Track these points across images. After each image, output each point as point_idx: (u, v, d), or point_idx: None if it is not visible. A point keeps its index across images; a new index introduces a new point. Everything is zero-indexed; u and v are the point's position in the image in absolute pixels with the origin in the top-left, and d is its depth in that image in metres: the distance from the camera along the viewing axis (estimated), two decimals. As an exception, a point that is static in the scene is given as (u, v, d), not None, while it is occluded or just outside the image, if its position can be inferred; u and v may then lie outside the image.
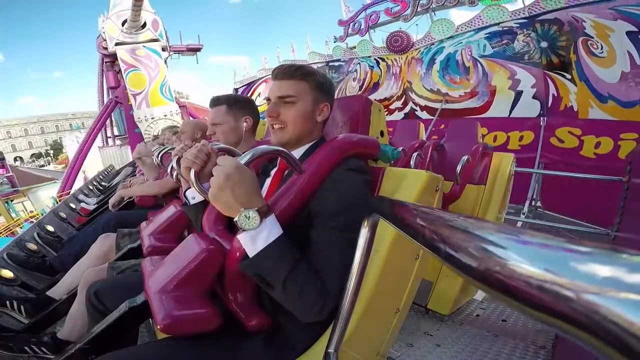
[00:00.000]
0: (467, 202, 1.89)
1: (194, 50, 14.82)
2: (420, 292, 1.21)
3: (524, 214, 4.48)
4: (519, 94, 7.01)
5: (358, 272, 0.66)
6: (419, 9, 9.55)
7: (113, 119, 14.17)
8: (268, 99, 0.90)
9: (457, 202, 1.85)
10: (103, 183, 4.96)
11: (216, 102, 1.36)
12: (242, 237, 0.68)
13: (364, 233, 0.65)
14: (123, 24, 11.01)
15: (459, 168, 1.81)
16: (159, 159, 1.73)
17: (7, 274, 1.65)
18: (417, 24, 9.55)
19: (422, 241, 0.33)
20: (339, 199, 0.74)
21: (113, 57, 11.65)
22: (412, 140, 2.25)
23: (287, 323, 0.76)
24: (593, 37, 6.33)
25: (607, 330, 0.13)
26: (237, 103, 1.38)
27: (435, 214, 0.34)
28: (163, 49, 12.16)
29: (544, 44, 7.00)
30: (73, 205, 3.32)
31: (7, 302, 1.41)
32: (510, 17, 7.51)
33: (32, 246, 2.08)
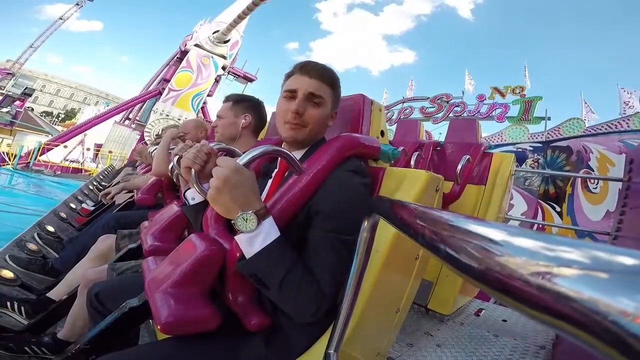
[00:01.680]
0: (467, 202, 1.89)
1: (248, 79, 15.36)
2: (420, 292, 1.21)
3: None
4: (506, 220, 6.68)
5: (358, 272, 0.66)
6: (451, 115, 10.28)
7: (144, 105, 14.42)
8: (292, 91, 0.85)
9: (457, 202, 1.85)
10: (103, 183, 4.96)
11: (226, 98, 1.48)
12: (239, 239, 0.68)
13: (364, 233, 0.65)
14: (214, 33, 11.85)
15: (459, 168, 1.81)
16: None
17: (8, 274, 1.65)
18: (440, 133, 10.11)
19: (422, 241, 0.33)
20: (337, 201, 0.74)
21: (185, 55, 12.33)
22: (412, 140, 2.25)
23: (287, 323, 0.76)
24: (593, 171, 6.45)
25: (607, 330, 0.13)
26: (242, 102, 1.46)
27: (435, 214, 0.34)
28: (223, 67, 12.82)
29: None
30: (73, 205, 3.32)
31: (8, 303, 1.41)
32: (529, 138, 7.76)
33: (32, 246, 2.08)
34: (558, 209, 6.66)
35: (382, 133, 1.13)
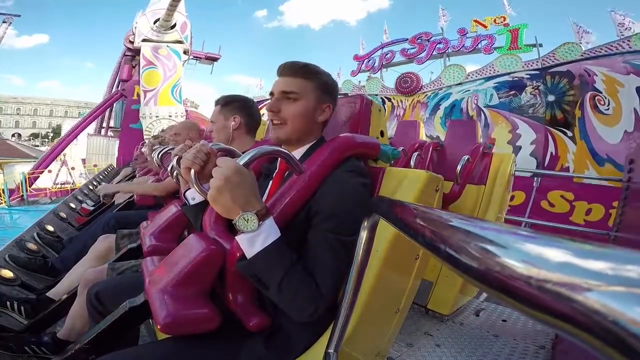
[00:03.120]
0: (467, 202, 1.89)
1: (212, 59, 14.92)
2: (420, 292, 1.21)
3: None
4: (517, 150, 6.72)
5: (358, 272, 0.66)
6: (434, 53, 9.62)
7: (113, 110, 14.15)
8: (272, 94, 0.89)
9: (457, 202, 1.85)
10: (103, 183, 4.95)
11: (215, 102, 1.48)
12: (240, 239, 0.68)
13: (364, 233, 0.65)
14: (155, 22, 11.24)
15: (459, 168, 1.81)
16: (159, 159, 1.73)
17: (7, 274, 1.65)
18: (432, 72, 9.48)
19: (422, 241, 0.33)
20: (336, 201, 0.74)
21: (135, 52, 11.83)
22: (412, 140, 2.25)
23: (287, 323, 0.76)
24: (601, 92, 6.10)
25: (608, 330, 0.13)
26: (230, 104, 1.45)
27: (435, 214, 0.34)
28: (185, 52, 12.31)
29: (551, 98, 6.77)
30: (73, 205, 3.32)
31: (7, 303, 1.41)
32: (523, 67, 7.37)
33: (32, 246, 2.08)
34: (570, 133, 6.35)
35: (382, 133, 1.13)
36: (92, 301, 0.98)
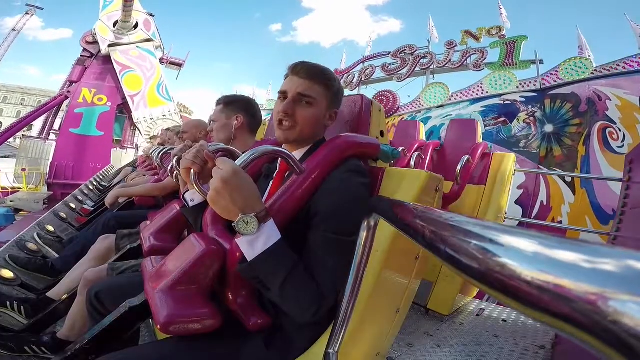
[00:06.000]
0: (467, 202, 1.89)
1: (176, 64, 14.32)
2: (420, 292, 1.21)
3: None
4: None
5: (358, 272, 0.66)
6: (417, 69, 8.40)
7: (63, 113, 12.67)
8: (284, 93, 0.86)
9: (457, 202, 1.85)
10: (103, 183, 4.96)
11: (218, 101, 1.49)
12: (240, 241, 0.67)
13: (364, 233, 0.65)
14: (115, 25, 10.70)
15: (459, 168, 1.81)
16: (159, 159, 1.73)
17: (7, 274, 1.65)
18: (409, 95, 8.16)
19: (422, 241, 0.33)
20: (337, 201, 0.74)
21: (89, 53, 11.04)
22: (412, 140, 2.25)
23: (287, 323, 0.76)
24: (615, 123, 4.72)
25: (607, 330, 0.13)
26: (233, 103, 1.46)
27: (435, 214, 0.34)
28: (157, 48, 11.71)
29: (548, 128, 5.39)
30: (73, 205, 3.32)
31: (7, 303, 1.41)
32: (518, 87, 6.01)
33: (32, 246, 2.08)
34: (568, 178, 4.89)
35: (382, 133, 1.13)
36: (92, 301, 0.97)
